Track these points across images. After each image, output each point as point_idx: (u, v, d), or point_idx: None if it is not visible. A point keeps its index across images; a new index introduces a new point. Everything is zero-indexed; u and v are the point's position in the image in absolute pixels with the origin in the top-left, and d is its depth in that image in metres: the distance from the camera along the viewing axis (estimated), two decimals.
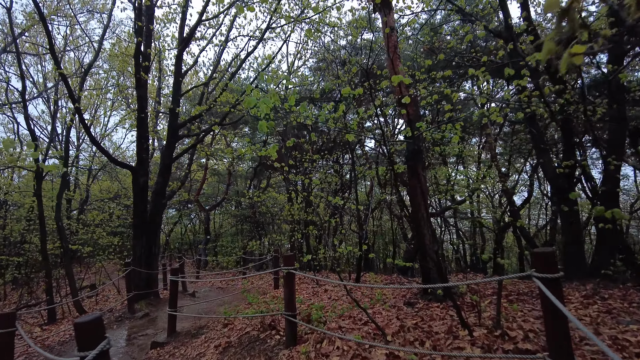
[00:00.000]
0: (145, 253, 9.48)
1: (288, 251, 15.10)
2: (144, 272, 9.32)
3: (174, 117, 10.31)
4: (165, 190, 10.23)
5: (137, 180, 9.43)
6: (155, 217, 9.83)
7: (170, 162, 10.16)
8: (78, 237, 13.59)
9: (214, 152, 16.69)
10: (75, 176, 22.38)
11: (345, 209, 14.52)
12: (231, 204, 23.47)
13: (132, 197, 9.56)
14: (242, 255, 13.52)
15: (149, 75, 9.61)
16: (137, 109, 9.21)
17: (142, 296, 9.15)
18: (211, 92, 11.79)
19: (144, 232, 9.46)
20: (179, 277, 6.77)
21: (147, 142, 9.54)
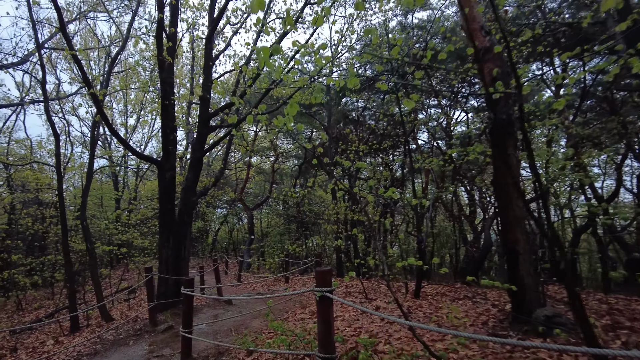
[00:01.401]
0: (172, 256, 8.31)
1: (325, 260, 13.58)
2: (171, 278, 8.14)
3: (204, 105, 9.12)
4: (196, 186, 9.04)
5: (163, 175, 8.29)
6: (184, 216, 8.65)
7: (202, 155, 8.96)
8: (116, 237, 12.87)
9: (255, 148, 15.49)
10: (123, 176, 22.20)
11: (397, 207, 12.82)
12: (278, 203, 22.41)
13: (158, 195, 8.43)
14: (284, 257, 12.12)
15: (176, 59, 8.43)
16: (161, 95, 8.05)
17: (167, 305, 7.98)
18: (247, 82, 10.51)
19: (171, 233, 8.29)
20: (211, 285, 5.41)
21: (173, 132, 8.38)
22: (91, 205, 17.57)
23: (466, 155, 5.02)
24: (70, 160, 18.17)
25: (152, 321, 7.14)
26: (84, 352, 5.93)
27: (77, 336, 7.37)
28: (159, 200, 8.37)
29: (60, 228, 7.98)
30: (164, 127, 8.28)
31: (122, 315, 9.77)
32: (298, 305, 8.30)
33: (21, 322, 12.30)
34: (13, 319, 13.08)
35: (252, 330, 6.57)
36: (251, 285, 13.52)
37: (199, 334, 6.54)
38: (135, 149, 21.28)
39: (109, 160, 19.22)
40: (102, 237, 13.74)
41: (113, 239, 12.59)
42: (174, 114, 8.57)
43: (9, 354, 7.02)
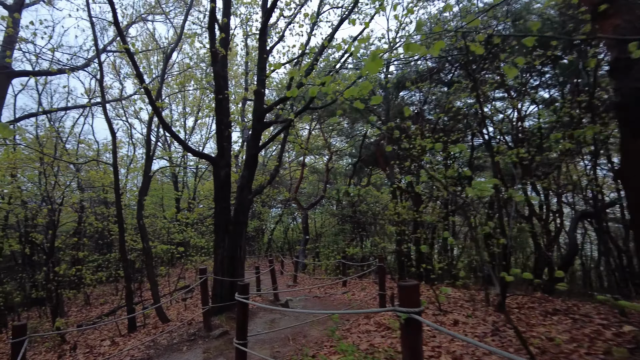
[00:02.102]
0: (228, 256, 7.90)
1: (391, 265, 12.69)
2: (226, 279, 7.73)
3: (259, 100, 8.65)
4: (252, 184, 8.59)
5: (218, 172, 7.91)
6: (239, 215, 8.23)
7: (257, 152, 8.50)
8: (173, 236, 12.87)
9: (310, 146, 14.97)
10: (183, 177, 22.64)
11: (464, 206, 11.70)
12: (331, 203, 21.86)
13: (214, 192, 8.07)
14: (342, 260, 11.44)
15: (230, 57, 8.03)
16: (214, 89, 7.66)
17: (223, 308, 7.57)
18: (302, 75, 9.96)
19: (226, 233, 7.89)
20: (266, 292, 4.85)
21: (227, 128, 7.98)
22: (151, 205, 17.92)
23: (541, 146, 4.11)
24: (133, 161, 18.72)
25: (207, 325, 6.74)
26: (137, 356, 5.59)
27: (133, 337, 7.13)
28: (215, 199, 8.00)
29: (118, 227, 7.84)
30: (218, 122, 7.90)
31: (178, 316, 9.56)
32: (361, 314, 7.58)
33: (87, 317, 12.59)
34: (81, 313, 13.47)
35: (312, 341, 5.95)
36: (307, 286, 12.98)
37: (255, 342, 6.02)
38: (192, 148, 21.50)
39: (169, 161, 19.59)
40: (160, 236, 13.83)
41: (171, 238, 12.60)
42: (228, 109, 8.17)
43: (69, 352, 6.93)
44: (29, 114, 9.97)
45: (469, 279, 11.46)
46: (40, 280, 10.71)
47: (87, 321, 11.54)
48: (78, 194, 14.01)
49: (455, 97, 13.47)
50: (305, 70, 8.78)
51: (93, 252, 18.39)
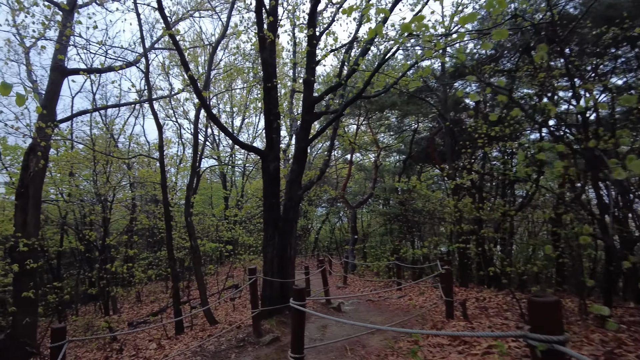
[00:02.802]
0: (278, 256, 7.35)
1: (445, 264, 11.63)
2: (276, 280, 7.17)
3: (308, 90, 8.06)
4: (302, 179, 8.00)
5: (267, 166, 7.37)
6: (289, 211, 7.66)
7: (306, 145, 7.89)
8: (222, 234, 12.58)
9: (359, 141, 14.22)
10: (231, 175, 22.61)
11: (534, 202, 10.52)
12: (378, 202, 20.98)
13: (263, 187, 7.55)
14: (395, 261, 10.62)
15: (277, 37, 7.47)
16: (263, 77, 7.13)
17: (272, 312, 7.01)
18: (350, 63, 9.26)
19: (276, 230, 7.34)
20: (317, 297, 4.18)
21: (276, 119, 7.43)
22: (200, 203, 17.89)
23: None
24: (182, 160, 18.81)
25: (256, 330, 6.18)
26: None
27: (180, 340, 6.72)
28: (263, 195, 7.48)
29: (165, 224, 7.51)
30: (266, 113, 7.35)
31: (226, 318, 9.14)
32: (424, 322, 6.75)
33: (138, 314, 12.56)
34: (133, 310, 13.50)
35: (372, 352, 5.23)
36: (358, 288, 12.25)
37: (307, 352, 5.38)
38: (239, 147, 21.37)
39: (217, 160, 19.54)
40: (209, 234, 13.63)
41: (219, 236, 12.33)
42: (277, 99, 7.62)
43: (115, 354, 6.65)
44: (82, 110, 9.95)
45: (542, 284, 10.26)
46: (94, 277, 10.71)
47: (138, 319, 11.45)
48: (129, 192, 14.10)
49: (515, 85, 12.25)
50: (357, 55, 8.09)
51: (144, 249, 18.67)
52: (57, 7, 9.55)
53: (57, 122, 8.71)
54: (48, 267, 14.51)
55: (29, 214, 8.33)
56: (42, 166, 8.38)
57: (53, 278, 13.79)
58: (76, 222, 14.92)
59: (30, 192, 8.37)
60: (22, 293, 7.63)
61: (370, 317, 7.97)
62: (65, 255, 17.25)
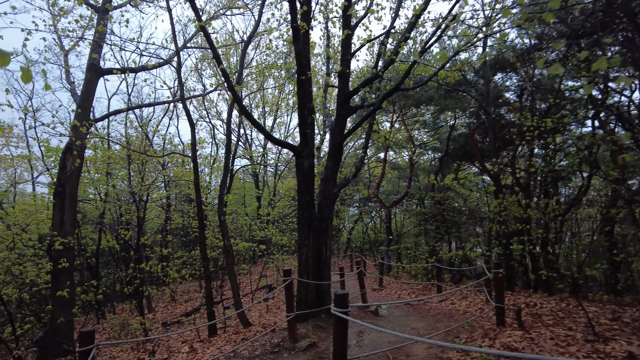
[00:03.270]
0: (313, 257, 6.98)
1: (488, 263, 10.90)
2: (312, 282, 6.80)
3: (343, 82, 7.65)
4: (337, 177, 7.59)
5: (301, 163, 7.01)
6: (324, 210, 7.28)
7: (342, 141, 7.49)
8: (255, 233, 12.36)
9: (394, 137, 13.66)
10: (263, 175, 22.52)
11: None
12: (412, 202, 20.27)
13: (296, 186, 7.20)
14: (435, 263, 10.04)
15: (311, 28, 7.10)
16: (297, 70, 6.77)
17: (308, 315, 6.64)
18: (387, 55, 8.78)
19: (311, 230, 6.97)
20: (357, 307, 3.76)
21: (311, 114, 7.05)
22: (233, 202, 17.83)
23: None
24: (216, 160, 18.83)
25: (292, 335, 5.82)
26: None
27: (213, 344, 6.46)
28: (298, 193, 7.13)
29: (198, 223, 7.30)
30: (300, 107, 7.00)
31: (260, 319, 8.85)
32: (471, 329, 6.20)
33: (172, 314, 12.52)
34: (167, 309, 13.50)
35: None
36: (394, 291, 11.73)
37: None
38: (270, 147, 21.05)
39: (250, 159, 19.46)
40: (242, 234, 13.46)
41: (252, 235, 12.12)
42: (311, 92, 7.26)
43: (148, 356, 6.47)
44: (117, 110, 9.98)
45: (596, 289, 9.42)
46: (129, 276, 10.72)
47: (171, 319, 11.38)
48: (164, 192, 14.14)
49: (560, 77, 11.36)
50: (396, 44, 7.61)
51: (179, 248, 18.81)
52: (93, 8, 9.59)
53: (92, 121, 8.70)
54: (87, 266, 14.81)
55: (66, 212, 8.34)
56: (77, 165, 8.38)
57: (91, 276, 14.03)
58: (113, 222, 15.15)
59: (67, 191, 8.38)
60: (57, 291, 7.62)
61: (411, 322, 7.47)
62: (104, 254, 17.63)
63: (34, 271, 9.95)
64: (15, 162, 18.48)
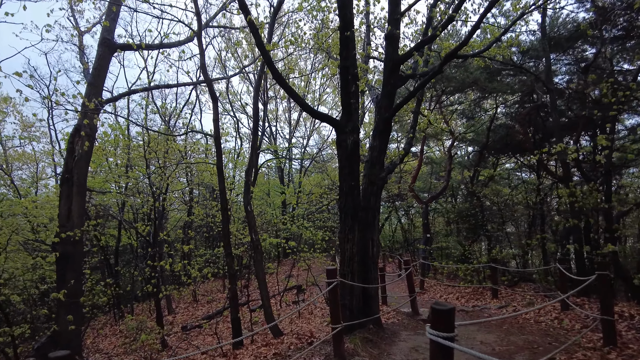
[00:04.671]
0: (359, 253, 5.67)
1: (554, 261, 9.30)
2: (357, 285, 5.48)
3: (392, 46, 6.32)
4: (384, 159, 6.26)
5: (344, 140, 5.71)
6: (370, 198, 5.96)
7: (391, 116, 6.14)
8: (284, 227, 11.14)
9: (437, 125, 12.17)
10: (289, 170, 21.34)
11: None
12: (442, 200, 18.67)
13: (338, 168, 5.90)
14: (491, 263, 8.57)
15: None
16: (340, 24, 5.48)
17: (354, 326, 5.32)
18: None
19: (355, 221, 5.66)
20: None
21: (355, 81, 5.74)
22: (258, 199, 16.67)
23: None
24: (240, 155, 17.73)
25: (338, 353, 4.51)
26: None
27: (239, 359, 5.20)
28: (339, 176, 5.82)
29: (221, 212, 6.10)
30: (342, 71, 5.70)
31: (292, 327, 7.59)
32: (556, 343, 4.73)
33: (193, 316, 11.41)
34: (188, 310, 12.42)
35: None
36: (440, 295, 10.28)
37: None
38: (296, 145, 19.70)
39: (274, 154, 18.28)
40: (269, 229, 12.27)
41: (279, 231, 10.92)
42: (355, 54, 5.93)
43: None
44: (133, 89, 8.94)
45: None
46: (146, 274, 9.65)
47: (192, 322, 10.25)
48: (184, 182, 13.06)
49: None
50: None
51: (202, 246, 17.76)
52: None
53: (103, 100, 7.62)
54: (107, 264, 13.88)
55: (74, 202, 7.27)
56: (87, 149, 7.30)
57: (109, 275, 13.08)
58: (135, 215, 14.20)
59: (75, 177, 7.32)
60: (62, 290, 6.53)
61: (475, 334, 6.06)
62: (126, 252, 16.73)
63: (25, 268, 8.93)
64: (37, 157, 17.83)
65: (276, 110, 19.74)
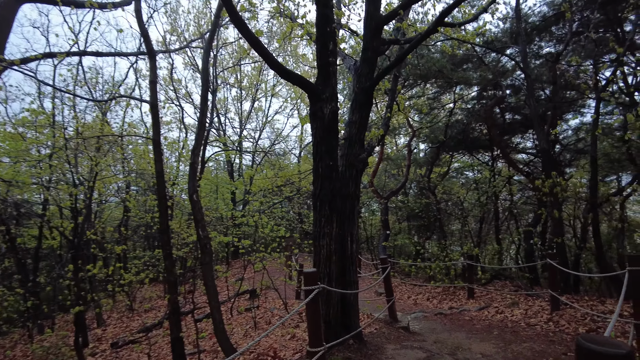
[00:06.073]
0: (338, 251, 4.46)
1: None
2: (336, 292, 4.27)
3: (373, 4, 5.16)
4: (365, 136, 5.10)
5: (319, 110, 4.49)
6: (349, 183, 4.77)
7: (372, 86, 4.98)
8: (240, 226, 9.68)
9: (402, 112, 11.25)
10: (239, 164, 19.67)
11: None
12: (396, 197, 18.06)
13: (312, 144, 4.67)
14: (467, 261, 7.75)
15: None
16: None
17: (331, 341, 4.11)
18: None
19: (334, 211, 4.45)
20: None
21: (334, 37, 4.54)
22: (206, 195, 14.93)
23: None
24: (185, 147, 15.87)
25: None
26: None
27: None
28: (314, 154, 4.58)
29: (157, 197, 4.61)
30: (320, 23, 4.47)
31: (247, 339, 6.22)
32: None
33: (127, 329, 9.60)
34: (121, 322, 10.53)
35: None
36: (407, 295, 9.35)
37: None
38: (247, 138, 18.07)
39: (224, 146, 16.58)
40: (217, 227, 10.73)
41: (231, 228, 9.45)
42: (332, 6, 4.72)
43: None
44: (50, 52, 7.08)
45: None
46: (65, 281, 7.80)
47: (124, 336, 8.49)
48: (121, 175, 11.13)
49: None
50: None
51: (141, 247, 15.69)
52: None
53: (18, 61, 5.77)
54: (21, 269, 11.51)
55: None
56: None
57: (27, 282, 10.81)
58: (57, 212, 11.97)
59: None
60: None
61: (467, 342, 5.06)
62: (52, 255, 14.25)
63: None
64: None
65: (225, 100, 18.05)
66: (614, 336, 4.52)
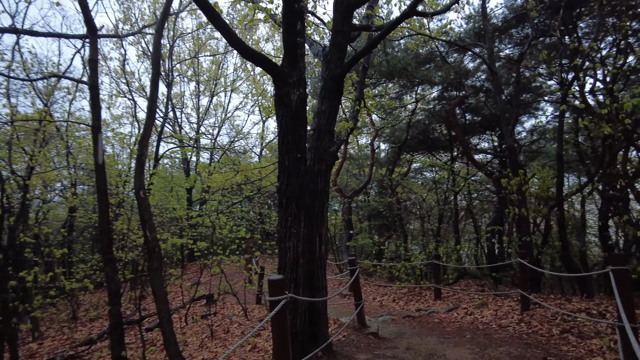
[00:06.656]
0: (306, 253, 3.97)
1: None
2: (303, 300, 3.78)
3: None
4: (334, 128, 4.64)
5: (286, 95, 3.98)
6: (318, 179, 4.29)
7: (343, 73, 4.53)
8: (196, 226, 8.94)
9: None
10: (196, 162, 18.64)
11: None
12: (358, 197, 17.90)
13: (278, 134, 4.15)
14: (433, 260, 7.51)
15: None
16: None
17: (297, 355, 3.60)
18: None
19: (302, 209, 3.96)
20: None
21: (302, 16, 4.05)
22: (159, 194, 13.94)
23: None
24: (137, 142, 14.75)
25: None
26: None
27: None
28: (279, 146, 4.07)
29: (97, 194, 3.91)
30: (287, 2, 3.95)
31: (202, 351, 5.58)
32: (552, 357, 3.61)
33: (69, 341, 8.60)
34: (63, 333, 9.46)
35: None
36: (372, 297, 9.02)
37: None
38: (205, 135, 17.21)
39: (180, 142, 15.60)
40: (171, 229, 9.89)
41: (187, 229, 8.69)
42: None
43: None
44: None
45: None
46: None
47: (62, 351, 7.55)
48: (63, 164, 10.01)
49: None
50: None
51: (87, 251, 14.41)
52: None
53: None
54: None
55: None
56: None
57: None
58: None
59: None
60: None
61: (440, 349, 4.74)
62: None
63: None
64: None
65: (182, 95, 17.01)
66: (591, 336, 4.35)
